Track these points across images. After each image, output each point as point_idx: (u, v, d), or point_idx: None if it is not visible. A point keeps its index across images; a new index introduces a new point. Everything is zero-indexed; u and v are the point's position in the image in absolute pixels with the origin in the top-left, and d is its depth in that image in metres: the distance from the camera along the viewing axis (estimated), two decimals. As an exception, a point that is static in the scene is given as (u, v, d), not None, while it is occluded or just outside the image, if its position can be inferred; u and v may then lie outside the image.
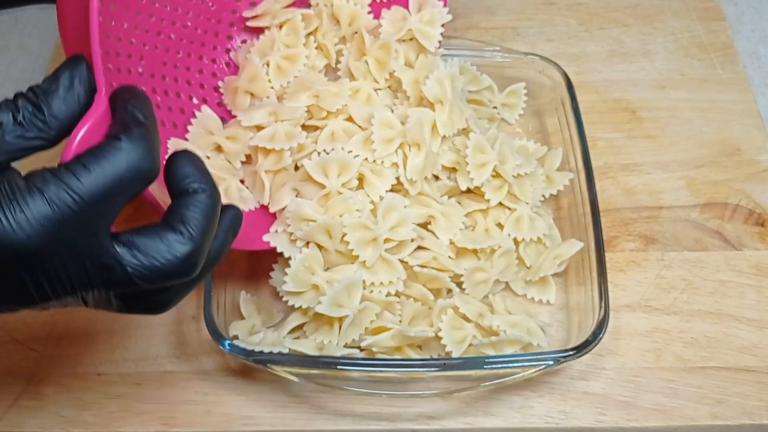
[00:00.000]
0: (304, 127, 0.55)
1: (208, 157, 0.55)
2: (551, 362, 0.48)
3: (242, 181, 0.55)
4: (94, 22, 0.36)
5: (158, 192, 0.42)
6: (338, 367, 0.48)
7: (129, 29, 0.53)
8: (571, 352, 0.48)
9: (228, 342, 0.48)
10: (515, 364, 0.49)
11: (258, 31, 0.61)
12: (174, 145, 0.54)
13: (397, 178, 0.53)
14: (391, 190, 0.53)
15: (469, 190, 0.56)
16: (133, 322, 0.55)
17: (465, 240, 0.53)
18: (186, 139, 0.55)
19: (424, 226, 0.54)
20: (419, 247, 0.53)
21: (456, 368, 0.50)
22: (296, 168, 0.55)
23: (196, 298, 0.56)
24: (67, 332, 0.55)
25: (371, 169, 0.53)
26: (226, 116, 0.59)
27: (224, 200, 0.40)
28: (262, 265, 0.56)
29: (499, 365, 0.49)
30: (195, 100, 0.58)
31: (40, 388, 0.53)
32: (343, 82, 0.57)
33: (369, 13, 0.60)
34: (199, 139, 0.55)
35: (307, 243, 0.51)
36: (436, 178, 0.56)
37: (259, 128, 0.55)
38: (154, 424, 0.51)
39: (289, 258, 0.50)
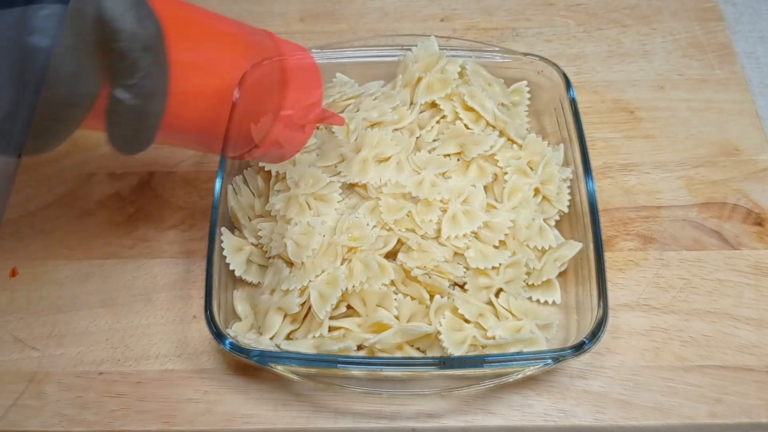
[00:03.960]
0: None
1: None
2: (550, 361, 0.48)
3: None
4: None
5: None
6: (339, 365, 0.48)
7: None
8: (570, 351, 0.48)
9: (229, 341, 0.48)
10: (515, 363, 0.49)
11: None
12: None
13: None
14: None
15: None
16: (134, 321, 0.55)
17: (477, 258, 0.53)
18: None
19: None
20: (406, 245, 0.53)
21: (455, 367, 0.50)
22: None
23: (197, 298, 0.56)
24: (69, 331, 0.55)
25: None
26: None
27: None
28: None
29: (499, 364, 0.49)
30: None
31: (41, 387, 0.53)
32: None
33: None
34: None
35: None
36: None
37: None
38: (155, 422, 0.51)
39: None
